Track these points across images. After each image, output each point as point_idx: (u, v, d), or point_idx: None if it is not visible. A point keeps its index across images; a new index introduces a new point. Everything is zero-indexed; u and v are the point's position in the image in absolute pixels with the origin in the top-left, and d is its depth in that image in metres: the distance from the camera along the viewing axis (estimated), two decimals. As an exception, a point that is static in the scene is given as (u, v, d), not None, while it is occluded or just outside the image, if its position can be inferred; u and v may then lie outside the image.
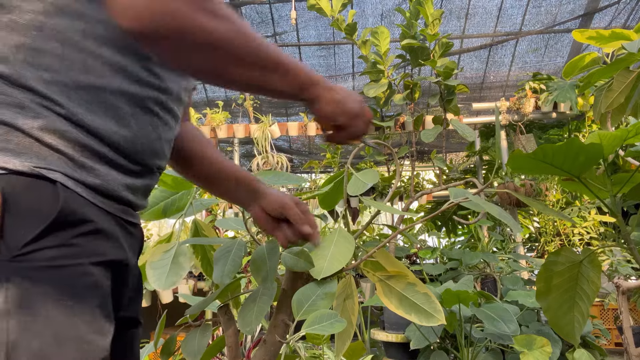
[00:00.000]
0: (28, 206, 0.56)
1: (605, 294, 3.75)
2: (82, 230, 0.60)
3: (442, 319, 0.85)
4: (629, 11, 4.66)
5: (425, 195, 4.03)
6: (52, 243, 0.56)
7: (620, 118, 1.32)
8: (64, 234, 0.57)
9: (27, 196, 0.57)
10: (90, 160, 0.63)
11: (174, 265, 0.86)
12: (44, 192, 0.58)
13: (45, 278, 0.55)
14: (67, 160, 0.60)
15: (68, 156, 0.61)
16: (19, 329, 0.53)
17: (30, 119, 0.59)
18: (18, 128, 0.58)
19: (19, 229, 0.55)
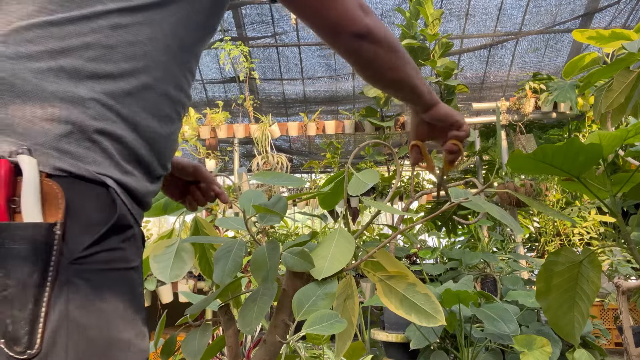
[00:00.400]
0: (89, 211, 0.58)
1: (605, 294, 3.75)
2: (127, 235, 0.62)
3: (442, 319, 0.85)
4: (629, 11, 4.66)
5: (425, 195, 4.03)
6: (108, 247, 0.58)
7: (621, 118, 1.32)
8: (116, 238, 0.60)
9: (88, 201, 0.58)
10: (131, 166, 0.64)
11: (177, 259, 0.86)
12: (102, 197, 0.59)
13: (101, 280, 0.57)
14: (115, 165, 0.62)
15: (116, 161, 0.62)
16: (79, 330, 0.54)
17: (93, 120, 0.59)
18: (82, 129, 0.59)
19: (81, 232, 0.56)
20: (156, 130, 0.66)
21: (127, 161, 0.63)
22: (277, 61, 5.20)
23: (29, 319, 0.52)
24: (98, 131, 0.60)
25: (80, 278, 0.55)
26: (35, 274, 0.53)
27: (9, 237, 0.52)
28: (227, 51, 3.91)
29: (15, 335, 0.51)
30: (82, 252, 0.56)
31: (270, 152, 3.79)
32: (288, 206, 1.02)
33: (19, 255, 0.52)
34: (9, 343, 0.51)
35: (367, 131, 3.77)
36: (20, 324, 0.51)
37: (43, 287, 0.53)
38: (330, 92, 5.57)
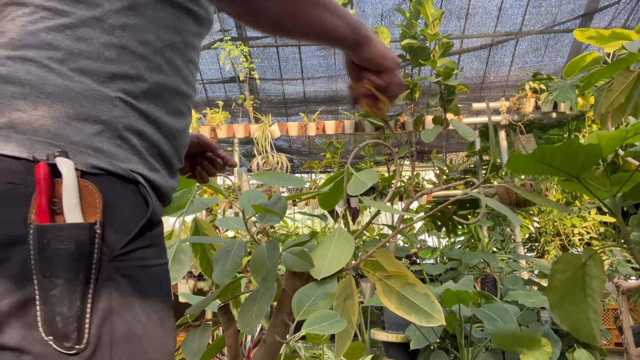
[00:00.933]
0: (125, 208, 0.59)
1: (606, 294, 3.75)
2: (158, 232, 0.64)
3: (441, 319, 0.85)
4: (629, 11, 4.66)
5: (425, 195, 4.03)
6: (143, 244, 0.60)
7: (621, 118, 1.32)
8: (149, 235, 0.61)
9: (124, 199, 0.60)
10: (157, 162, 0.66)
11: (175, 262, 0.86)
12: (136, 195, 0.61)
13: (140, 276, 0.59)
14: (144, 162, 0.63)
15: (144, 158, 0.63)
16: (122, 324, 0.56)
17: (121, 118, 0.61)
18: (112, 127, 0.60)
19: (118, 230, 0.58)
20: (174, 125, 0.68)
21: (154, 158, 0.65)
22: (277, 61, 5.20)
23: (77, 315, 0.54)
24: (127, 128, 0.61)
25: (121, 275, 0.57)
26: (80, 272, 0.54)
27: (54, 238, 0.54)
28: (227, 51, 3.91)
29: (64, 332, 0.53)
30: (121, 249, 0.57)
31: (270, 152, 3.79)
32: (288, 206, 1.02)
33: (65, 255, 0.54)
34: (58, 340, 0.53)
35: (367, 131, 3.78)
36: (68, 321, 0.53)
37: (88, 285, 0.54)
38: (330, 92, 5.57)
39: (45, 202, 0.54)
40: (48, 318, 0.53)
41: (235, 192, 3.66)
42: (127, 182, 0.60)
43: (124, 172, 0.60)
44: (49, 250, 0.54)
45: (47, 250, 0.54)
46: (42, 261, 0.53)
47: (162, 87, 0.66)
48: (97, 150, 0.59)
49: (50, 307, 0.53)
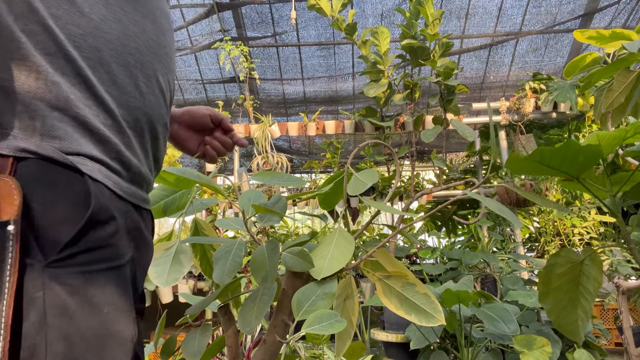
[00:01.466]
0: (61, 204, 0.51)
1: (605, 294, 3.75)
2: (110, 231, 0.55)
3: (442, 319, 0.85)
4: (629, 11, 4.66)
5: (425, 195, 4.03)
6: (86, 246, 0.52)
7: (621, 118, 1.32)
8: (95, 236, 0.53)
9: (62, 192, 0.51)
10: (115, 136, 0.56)
11: (175, 263, 0.86)
12: (76, 186, 0.51)
13: (81, 284, 0.51)
14: (94, 140, 0.54)
15: (95, 133, 0.53)
16: (58, 338, 0.49)
17: (44, 84, 0.51)
18: (38, 97, 0.51)
19: (53, 231, 0.50)
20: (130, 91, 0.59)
21: (112, 130, 0.55)
22: (277, 61, 5.20)
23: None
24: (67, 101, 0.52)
25: (58, 283, 0.49)
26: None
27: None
28: (227, 51, 3.91)
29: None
30: (58, 254, 0.49)
31: (270, 152, 3.79)
32: (288, 206, 1.02)
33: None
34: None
35: (367, 131, 3.78)
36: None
37: (1, 292, 0.46)
38: (330, 92, 5.57)
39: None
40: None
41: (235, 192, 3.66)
42: (67, 170, 0.51)
43: (59, 157, 0.50)
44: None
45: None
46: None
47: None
48: (25, 130, 0.49)
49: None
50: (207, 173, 3.88)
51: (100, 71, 0.56)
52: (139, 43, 0.61)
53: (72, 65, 0.54)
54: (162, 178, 0.96)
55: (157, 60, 0.64)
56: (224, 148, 0.94)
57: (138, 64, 0.60)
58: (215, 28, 4.80)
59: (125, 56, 0.59)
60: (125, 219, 0.59)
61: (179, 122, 0.92)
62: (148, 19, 0.64)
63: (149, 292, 3.23)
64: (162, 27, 0.66)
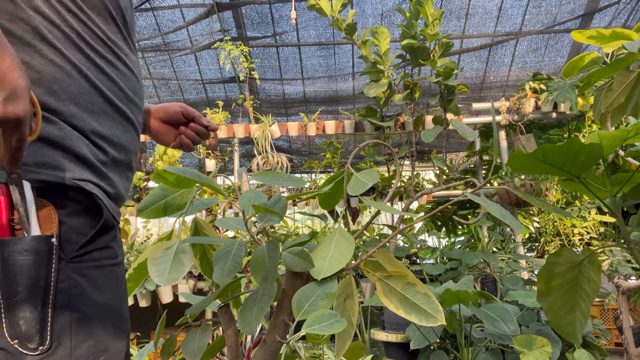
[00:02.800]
0: (78, 216, 0.65)
1: (605, 294, 3.75)
2: (112, 235, 0.69)
3: (442, 319, 0.85)
4: (629, 11, 4.66)
5: (425, 195, 4.03)
6: (98, 246, 0.66)
7: (620, 118, 1.31)
8: (104, 238, 0.67)
9: (76, 207, 0.65)
10: (106, 167, 0.71)
11: (175, 262, 0.86)
12: (87, 202, 0.66)
13: (96, 275, 0.65)
14: (92, 170, 0.68)
15: (90, 165, 0.68)
16: (80, 320, 0.62)
17: (57, 131, 0.65)
18: (51, 141, 0.64)
19: (75, 236, 0.64)
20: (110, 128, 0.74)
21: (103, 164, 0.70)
22: (277, 61, 5.20)
23: (39, 319, 0.59)
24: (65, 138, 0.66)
25: (78, 274, 0.63)
26: (40, 280, 0.59)
27: (15, 250, 0.59)
28: (227, 51, 3.91)
29: (28, 335, 0.58)
30: (77, 251, 0.64)
31: (270, 152, 3.79)
32: (288, 206, 1.02)
33: (24, 266, 0.59)
34: (22, 342, 0.58)
35: (367, 131, 3.77)
36: (31, 324, 0.58)
37: (48, 291, 0.60)
38: (330, 92, 5.57)
39: (6, 219, 0.60)
40: (12, 323, 0.58)
41: (235, 192, 3.65)
42: (78, 192, 0.65)
43: (70, 182, 0.64)
44: (10, 261, 0.58)
45: (8, 261, 0.58)
46: (5, 272, 0.58)
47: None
48: (40, 165, 0.63)
49: (13, 313, 0.58)
50: (207, 173, 3.88)
51: (93, 120, 0.71)
52: (121, 96, 0.77)
53: (74, 118, 0.68)
54: (162, 177, 0.96)
55: (134, 105, 0.80)
56: (198, 136, 1.03)
57: (120, 112, 0.76)
58: (215, 28, 4.80)
59: (111, 107, 0.74)
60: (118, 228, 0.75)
61: (155, 118, 1.02)
62: (131, 74, 0.80)
63: (149, 292, 3.23)
64: (137, 77, 0.83)
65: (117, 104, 0.75)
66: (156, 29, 4.83)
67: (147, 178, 3.80)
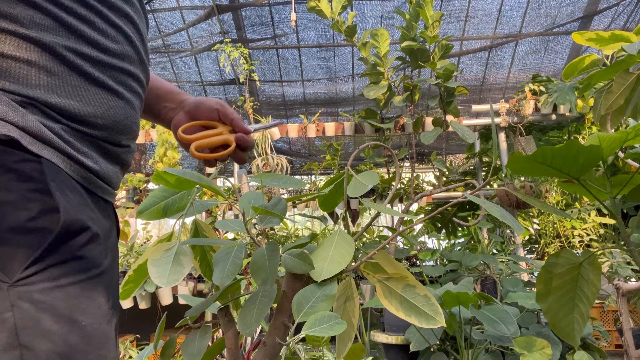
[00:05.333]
0: (21, 214, 0.47)
1: (605, 296, 3.75)
2: (82, 240, 0.52)
3: (442, 321, 0.85)
4: (628, 13, 4.67)
5: (425, 197, 4.03)
6: (56, 260, 0.49)
7: (620, 120, 1.32)
8: (66, 249, 0.50)
9: (22, 196, 0.47)
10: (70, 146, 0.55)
11: (175, 264, 0.86)
12: (45, 202, 0.49)
13: (55, 299, 0.48)
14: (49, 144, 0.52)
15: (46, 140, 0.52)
16: (34, 357, 0.46)
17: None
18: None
19: (17, 247, 0.47)
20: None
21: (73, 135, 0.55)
22: (277, 63, 5.21)
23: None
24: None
25: (28, 301, 0.46)
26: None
27: None
28: (227, 53, 3.92)
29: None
30: (25, 271, 0.46)
31: (270, 154, 3.79)
32: (288, 208, 1.02)
33: None
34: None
35: (367, 133, 3.78)
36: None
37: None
38: (330, 93, 5.58)
39: None
40: None
41: (235, 194, 3.65)
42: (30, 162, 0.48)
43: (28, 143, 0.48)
44: None
45: None
46: None
47: None
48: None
49: None
50: (207, 174, 3.88)
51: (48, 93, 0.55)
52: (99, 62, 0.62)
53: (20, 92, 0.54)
54: (162, 179, 0.96)
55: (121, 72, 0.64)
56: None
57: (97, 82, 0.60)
58: (215, 30, 4.81)
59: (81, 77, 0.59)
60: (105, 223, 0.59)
61: (185, 111, 0.90)
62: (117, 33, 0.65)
63: (149, 293, 3.23)
64: (131, 36, 0.67)
65: (90, 73, 0.58)
66: (156, 31, 4.84)
67: (147, 180, 3.80)
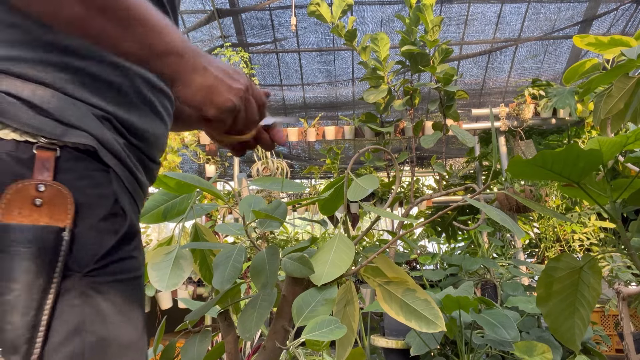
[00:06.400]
0: (98, 215, 0.55)
1: (606, 300, 3.74)
2: (136, 244, 0.60)
3: (442, 325, 0.85)
4: (627, 18, 4.69)
5: (425, 201, 4.03)
6: (119, 257, 0.56)
7: (620, 124, 1.32)
8: (127, 248, 0.57)
9: (98, 202, 0.55)
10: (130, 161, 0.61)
11: (175, 267, 0.85)
12: (115, 203, 0.56)
13: (115, 292, 0.55)
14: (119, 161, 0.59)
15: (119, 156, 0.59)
16: (96, 344, 0.52)
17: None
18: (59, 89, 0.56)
19: (92, 243, 0.54)
20: None
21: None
22: (277, 67, 5.22)
23: (30, 325, 0.48)
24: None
25: (95, 291, 0.53)
26: (40, 279, 0.49)
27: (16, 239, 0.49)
28: (228, 57, 3.92)
29: (14, 344, 0.48)
30: (95, 264, 0.53)
31: (270, 158, 3.79)
32: (288, 212, 1.02)
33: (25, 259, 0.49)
34: (6, 352, 0.48)
35: (367, 137, 3.78)
36: (20, 331, 0.48)
37: (46, 295, 0.50)
38: (330, 97, 5.59)
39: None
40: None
41: (235, 198, 3.65)
42: (103, 179, 0.56)
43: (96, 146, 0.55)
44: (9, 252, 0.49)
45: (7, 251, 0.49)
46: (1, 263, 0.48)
47: None
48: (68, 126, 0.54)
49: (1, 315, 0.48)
50: (207, 178, 3.87)
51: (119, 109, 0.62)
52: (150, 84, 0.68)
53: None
54: (162, 182, 0.96)
55: (163, 95, 0.71)
56: (254, 142, 0.85)
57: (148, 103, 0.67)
58: (215, 34, 4.82)
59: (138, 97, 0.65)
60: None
61: None
62: None
63: (149, 297, 3.22)
64: None
65: (146, 94, 0.65)
66: (157, 35, 4.84)
67: (147, 183, 3.80)
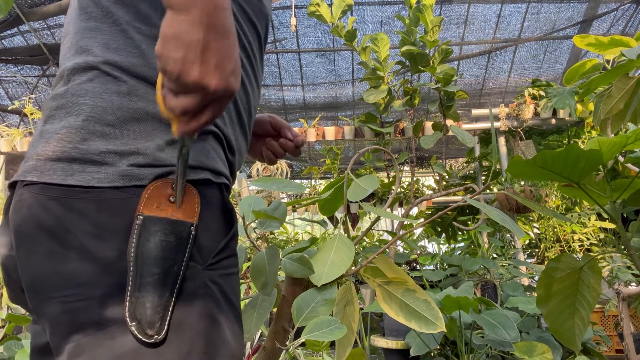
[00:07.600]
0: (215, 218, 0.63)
1: (606, 301, 3.74)
2: (235, 244, 0.68)
3: (442, 325, 0.85)
4: (627, 18, 4.69)
5: (425, 201, 4.03)
6: (227, 254, 0.64)
7: (620, 124, 1.32)
8: (232, 246, 0.66)
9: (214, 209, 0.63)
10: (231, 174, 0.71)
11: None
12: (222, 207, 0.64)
13: (225, 284, 0.63)
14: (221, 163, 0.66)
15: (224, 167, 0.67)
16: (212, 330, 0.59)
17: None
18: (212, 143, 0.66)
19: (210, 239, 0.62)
20: None
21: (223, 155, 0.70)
22: (277, 67, 5.21)
23: (165, 305, 0.55)
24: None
25: (212, 282, 0.61)
26: (176, 265, 0.57)
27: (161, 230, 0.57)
28: (227, 57, 3.92)
29: (151, 320, 0.54)
30: (212, 259, 0.61)
31: (270, 158, 3.79)
32: (288, 212, 1.02)
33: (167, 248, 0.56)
34: (142, 326, 0.54)
35: (367, 137, 3.78)
36: (157, 310, 0.54)
37: (177, 279, 0.57)
38: (330, 98, 5.59)
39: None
40: (138, 304, 0.54)
41: (235, 198, 3.65)
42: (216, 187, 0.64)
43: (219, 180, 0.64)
44: (153, 241, 0.56)
45: (151, 240, 0.56)
46: (145, 250, 0.55)
47: None
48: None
49: (143, 295, 0.54)
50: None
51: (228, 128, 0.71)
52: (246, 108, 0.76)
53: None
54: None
55: (251, 118, 0.80)
56: (282, 150, 0.95)
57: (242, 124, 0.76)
58: (215, 34, 4.81)
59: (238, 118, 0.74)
60: None
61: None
62: (257, 87, 0.81)
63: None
64: (259, 89, 0.84)
65: (243, 116, 0.74)
66: (156, 36, 4.85)
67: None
